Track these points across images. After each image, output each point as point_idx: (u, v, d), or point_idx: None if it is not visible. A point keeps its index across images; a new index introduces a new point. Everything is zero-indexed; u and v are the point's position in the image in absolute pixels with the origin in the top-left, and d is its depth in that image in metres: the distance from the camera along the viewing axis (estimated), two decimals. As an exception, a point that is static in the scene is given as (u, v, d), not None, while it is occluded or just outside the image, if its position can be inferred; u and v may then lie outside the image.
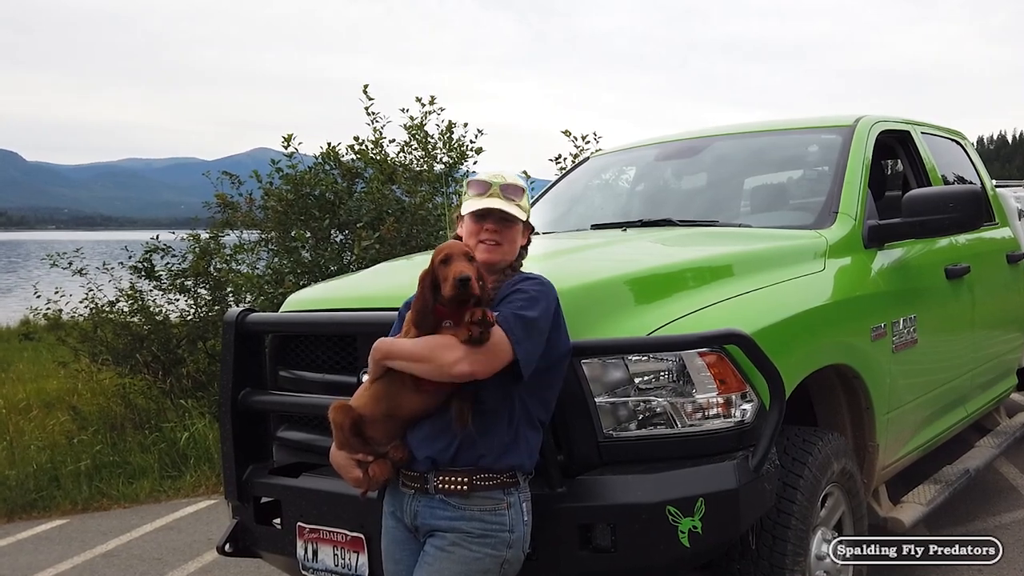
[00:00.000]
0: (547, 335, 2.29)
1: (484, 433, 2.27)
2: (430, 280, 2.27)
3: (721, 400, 2.58)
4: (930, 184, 4.52)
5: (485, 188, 2.42)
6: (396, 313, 2.53)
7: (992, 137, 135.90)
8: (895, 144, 4.64)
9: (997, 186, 5.89)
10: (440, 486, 2.29)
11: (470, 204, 2.42)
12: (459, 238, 2.49)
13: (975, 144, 5.92)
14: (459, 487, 2.27)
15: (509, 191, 2.42)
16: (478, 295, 2.21)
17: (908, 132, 4.63)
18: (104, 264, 8.59)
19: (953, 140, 5.31)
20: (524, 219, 2.46)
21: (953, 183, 4.92)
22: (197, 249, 8.13)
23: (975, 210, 3.71)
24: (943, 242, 4.27)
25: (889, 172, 5.63)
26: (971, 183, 5.13)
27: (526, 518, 2.34)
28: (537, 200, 5.19)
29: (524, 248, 2.51)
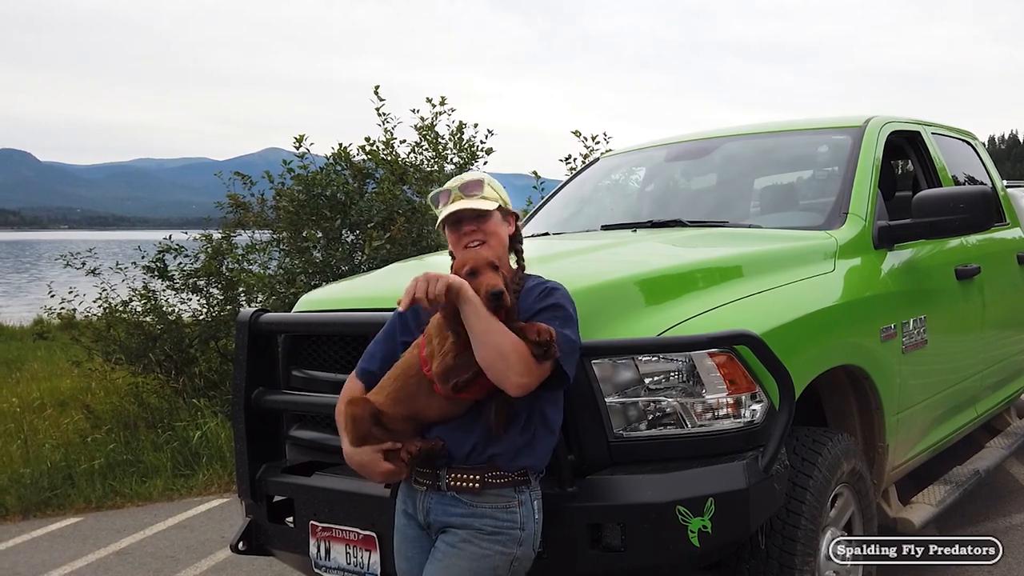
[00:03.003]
0: None
1: (507, 433, 2.30)
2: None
3: (731, 400, 2.59)
4: (940, 185, 4.51)
5: (447, 196, 2.49)
6: None
7: (1003, 136, 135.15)
8: (905, 144, 4.64)
9: (1008, 186, 5.88)
10: (452, 483, 2.31)
11: (440, 215, 2.48)
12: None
13: (986, 144, 5.91)
14: (471, 484, 2.29)
15: (468, 189, 2.47)
16: (510, 306, 2.23)
17: (918, 132, 4.62)
18: (117, 264, 8.65)
19: (963, 140, 5.30)
20: (495, 208, 2.47)
21: (964, 183, 4.91)
22: (209, 249, 8.18)
23: (985, 211, 3.71)
24: (953, 243, 4.27)
25: (899, 172, 5.62)
26: (982, 183, 5.12)
27: (537, 516, 2.35)
28: (547, 200, 5.21)
29: (515, 237, 2.54)
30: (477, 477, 2.29)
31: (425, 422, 2.35)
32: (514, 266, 2.52)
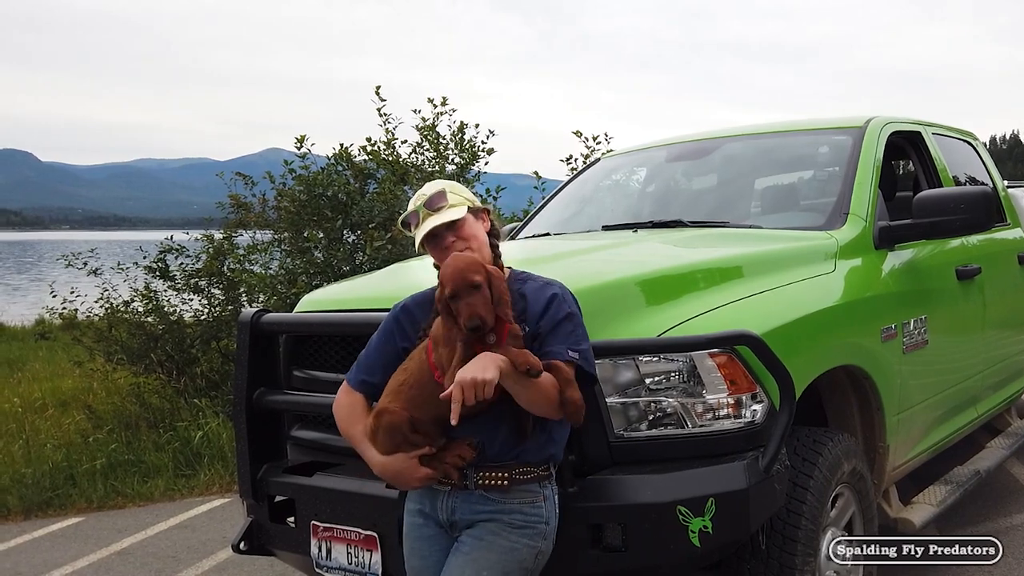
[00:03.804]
0: None
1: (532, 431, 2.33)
2: (444, 308, 2.27)
3: (731, 400, 2.60)
4: (941, 185, 4.51)
5: (415, 218, 2.51)
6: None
7: (1005, 136, 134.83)
8: (906, 145, 4.64)
9: (1009, 187, 5.88)
10: (480, 482, 2.33)
11: (416, 238, 2.50)
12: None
13: (987, 144, 5.91)
14: (499, 482, 2.32)
15: (434, 203, 2.48)
16: (492, 327, 2.22)
17: (919, 133, 4.63)
18: (119, 264, 8.66)
19: (964, 140, 5.30)
20: (464, 213, 2.47)
21: (964, 184, 4.91)
22: (211, 249, 8.19)
23: (986, 211, 3.71)
24: (954, 243, 4.27)
25: (900, 173, 5.62)
26: (982, 184, 5.12)
27: (557, 511, 2.39)
28: (549, 200, 5.21)
29: (491, 233, 2.55)
30: (505, 475, 2.32)
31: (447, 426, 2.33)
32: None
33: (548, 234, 4.51)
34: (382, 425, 2.34)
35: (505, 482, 2.32)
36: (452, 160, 8.93)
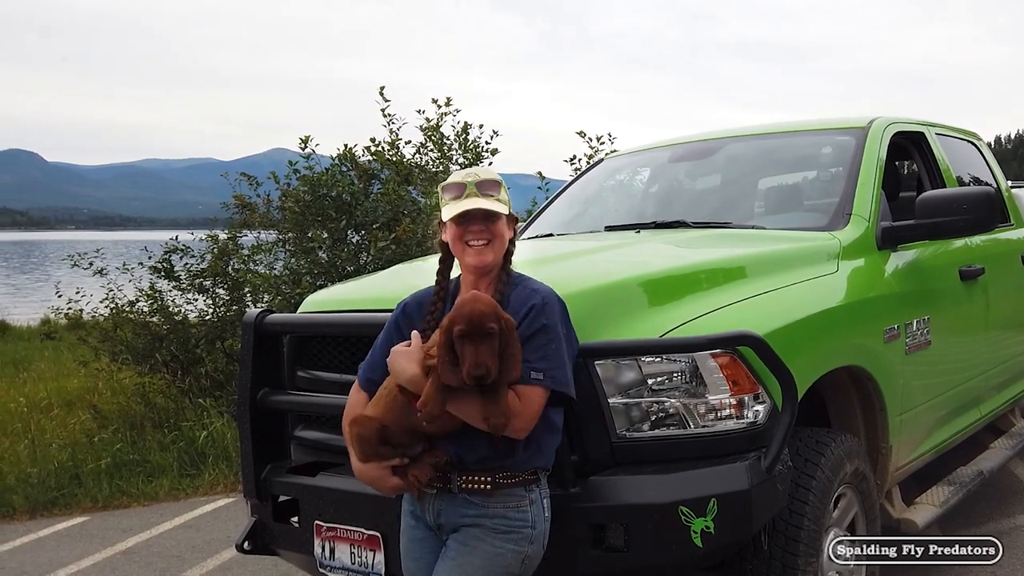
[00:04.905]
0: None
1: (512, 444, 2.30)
2: (448, 353, 2.17)
3: (733, 401, 2.60)
4: (944, 185, 4.51)
5: (461, 190, 2.35)
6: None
7: (1010, 136, 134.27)
8: (909, 145, 4.63)
9: (1013, 186, 5.87)
10: (463, 485, 2.31)
11: (449, 209, 2.36)
12: (445, 245, 2.46)
13: (991, 144, 5.90)
14: (482, 486, 2.30)
15: (486, 187, 2.35)
16: (495, 378, 2.15)
17: (922, 133, 4.62)
18: (124, 264, 8.69)
19: (967, 141, 5.29)
20: (506, 213, 2.39)
21: (968, 184, 4.91)
22: (215, 250, 8.21)
23: (989, 211, 3.71)
24: (957, 243, 4.26)
25: (904, 173, 5.61)
26: (986, 184, 5.11)
27: (547, 515, 2.37)
28: (552, 201, 5.22)
29: (512, 241, 2.47)
30: (488, 478, 2.30)
31: (424, 435, 2.34)
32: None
33: (551, 234, 4.51)
34: (353, 436, 2.37)
35: (488, 486, 2.29)
36: (456, 160, 8.95)
